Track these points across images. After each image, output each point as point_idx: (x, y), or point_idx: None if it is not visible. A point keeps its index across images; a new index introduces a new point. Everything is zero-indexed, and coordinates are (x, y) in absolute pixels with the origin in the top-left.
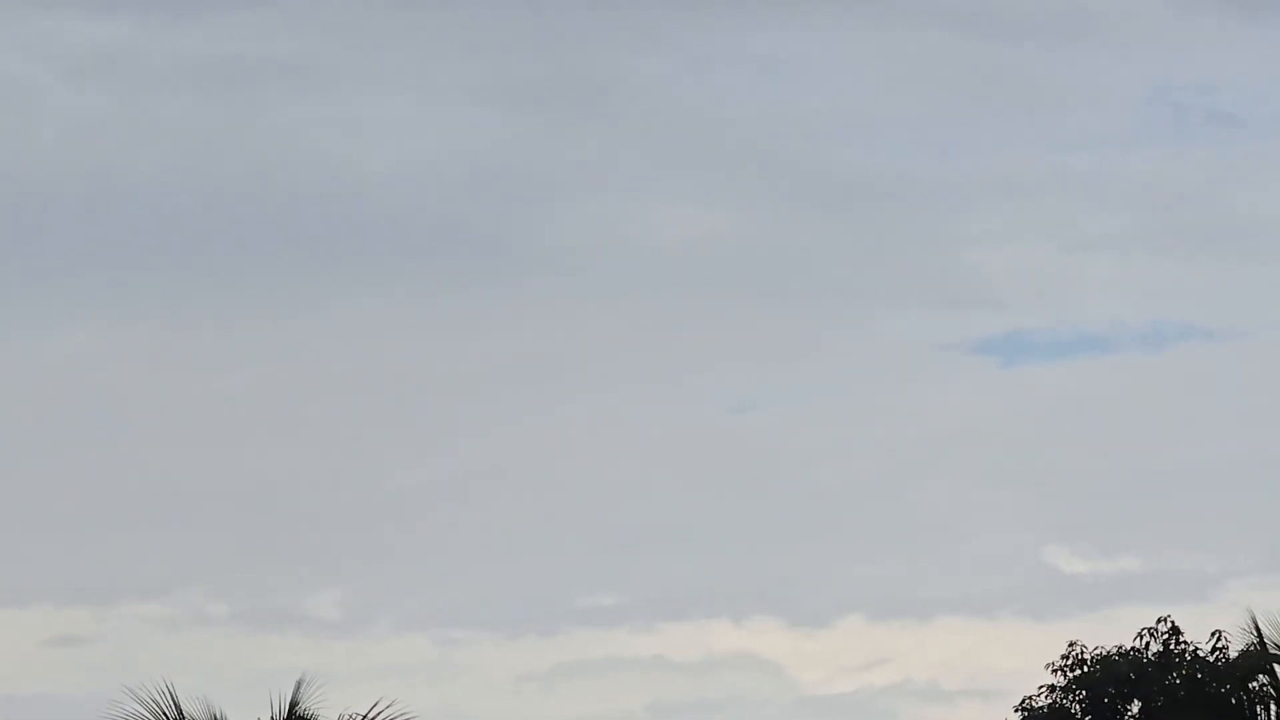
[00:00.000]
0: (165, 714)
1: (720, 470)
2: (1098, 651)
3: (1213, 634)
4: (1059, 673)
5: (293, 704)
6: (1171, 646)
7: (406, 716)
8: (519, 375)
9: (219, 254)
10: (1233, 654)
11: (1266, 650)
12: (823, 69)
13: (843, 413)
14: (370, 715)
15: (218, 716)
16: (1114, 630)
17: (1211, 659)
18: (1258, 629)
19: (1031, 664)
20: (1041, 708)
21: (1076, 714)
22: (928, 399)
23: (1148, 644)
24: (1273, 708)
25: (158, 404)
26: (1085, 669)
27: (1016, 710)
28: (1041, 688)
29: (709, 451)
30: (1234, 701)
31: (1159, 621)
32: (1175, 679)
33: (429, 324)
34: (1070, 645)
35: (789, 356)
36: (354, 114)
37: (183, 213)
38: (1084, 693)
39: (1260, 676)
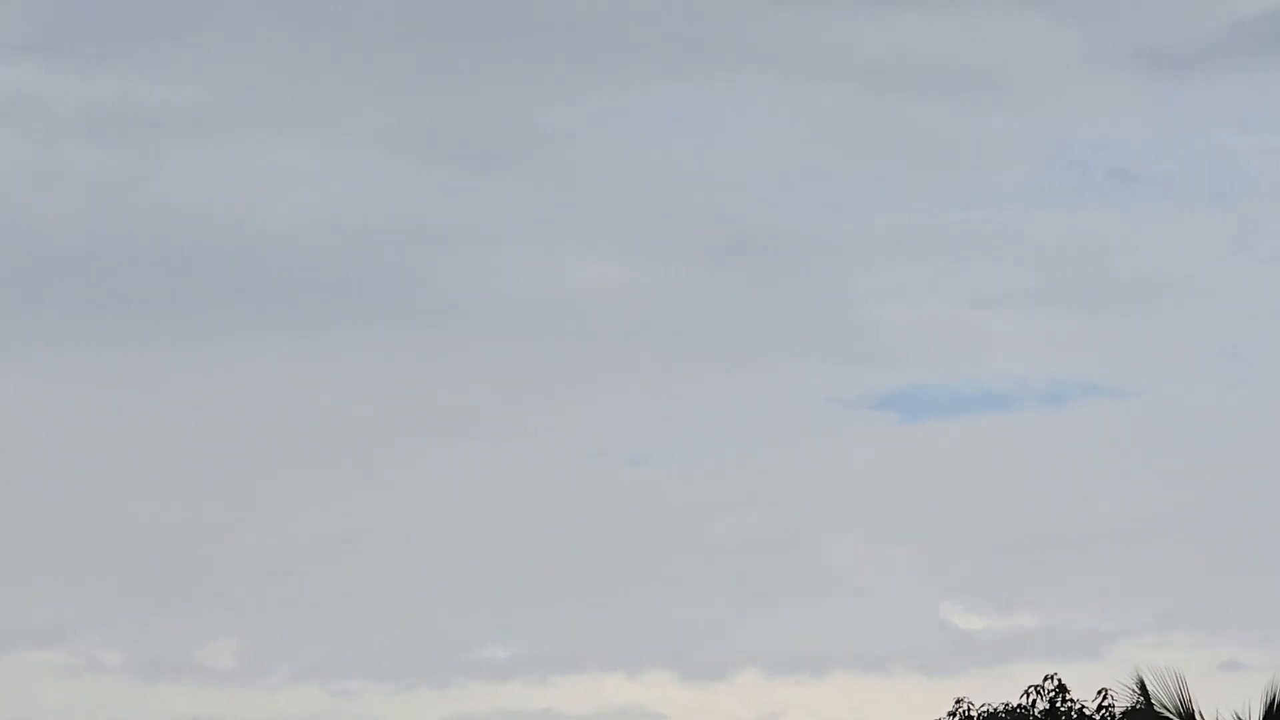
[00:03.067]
0: None
1: (617, 523)
2: (985, 708)
3: (1099, 692)
4: None
5: None
6: (1058, 704)
7: None
8: (418, 426)
9: (120, 302)
10: (1118, 712)
11: (1151, 708)
12: (727, 123)
13: (741, 467)
14: None
15: None
16: (1008, 687)
17: (1098, 717)
18: (1143, 687)
19: None
20: None
21: None
22: (827, 454)
23: (1034, 701)
24: None
25: (53, 450)
26: None
27: None
28: None
29: (607, 504)
30: None
31: (1046, 679)
32: None
33: (328, 374)
34: (957, 702)
35: (688, 410)
36: (259, 162)
37: (85, 260)
38: None
39: None
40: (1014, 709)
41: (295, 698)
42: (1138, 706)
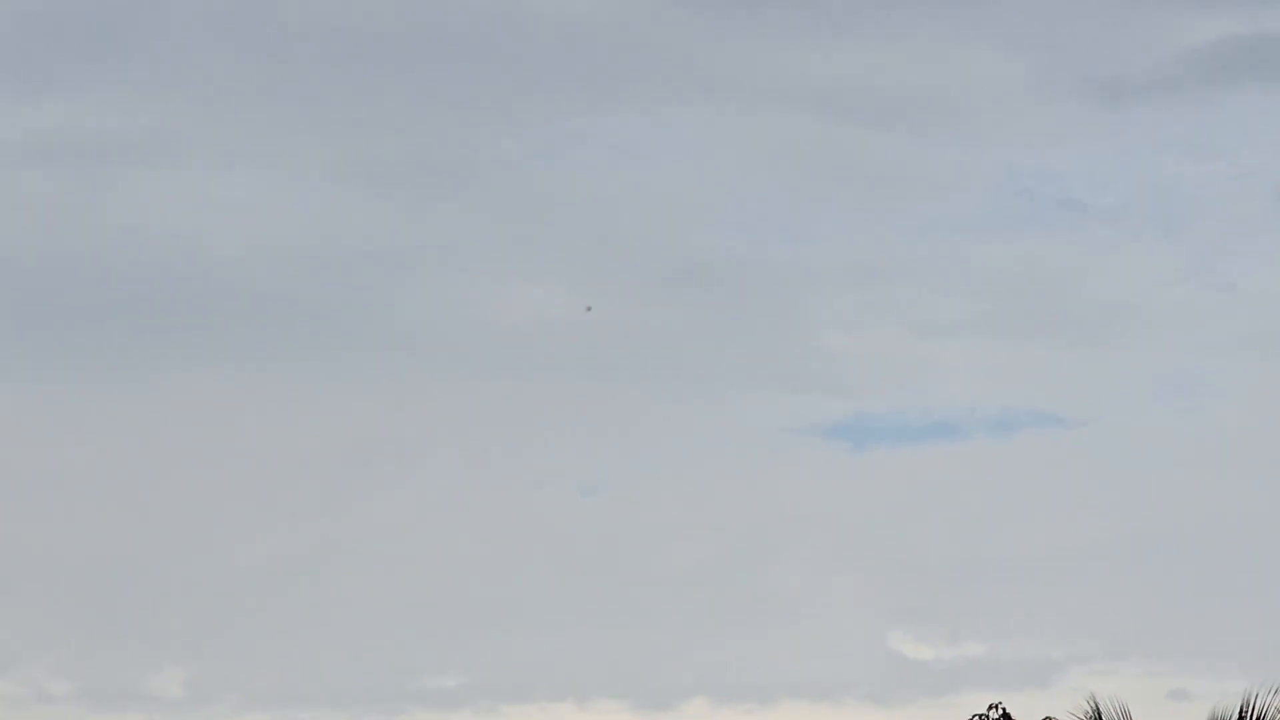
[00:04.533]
0: None
1: (567, 551)
2: None
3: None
4: None
5: None
6: None
7: None
8: (366, 453)
9: (67, 328)
10: None
11: None
12: (676, 151)
13: (691, 495)
14: None
15: None
16: (957, 716)
17: None
18: (1098, 713)
19: None
20: None
21: None
22: (777, 482)
23: None
24: None
25: None
26: None
27: None
28: None
29: (556, 532)
30: None
31: (990, 708)
32: None
33: (276, 402)
34: None
35: (638, 438)
36: (207, 190)
37: (31, 287)
38: None
39: None
40: None
41: None
42: None
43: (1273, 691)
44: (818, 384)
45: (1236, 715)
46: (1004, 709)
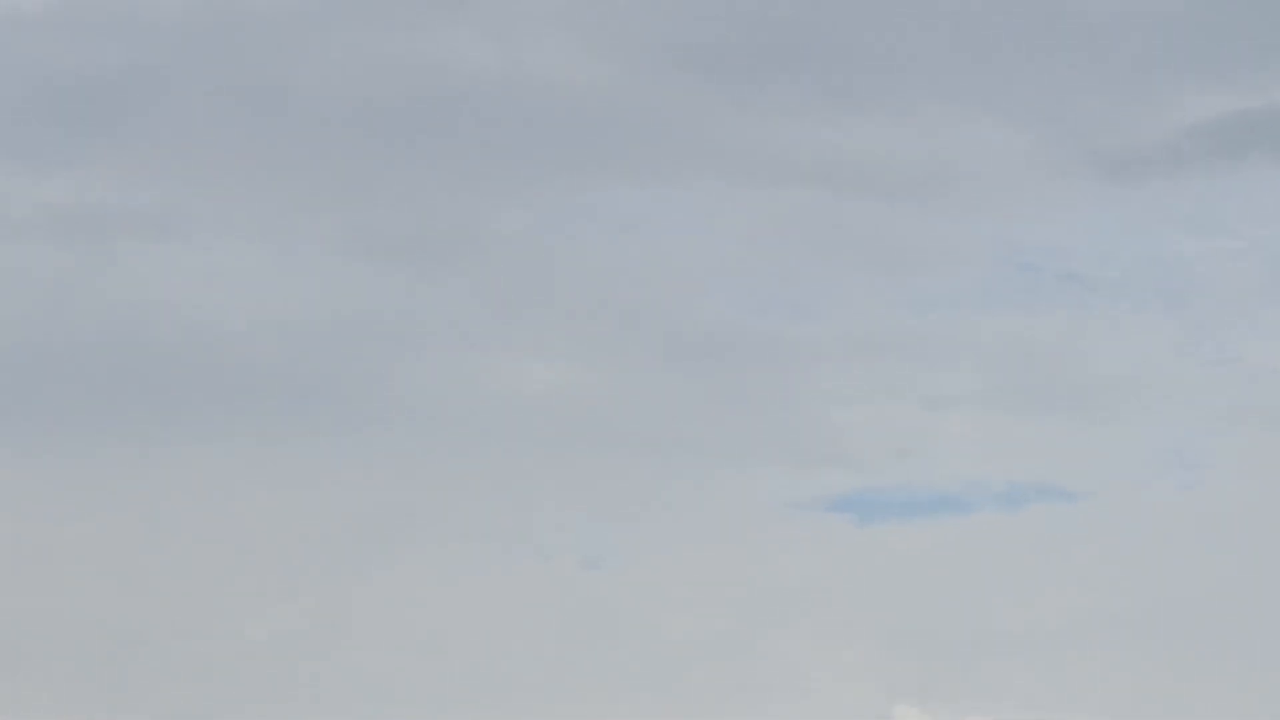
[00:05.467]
0: None
1: (570, 624)
2: None
3: None
4: None
5: None
6: None
7: None
8: (370, 527)
9: (71, 402)
10: None
11: None
12: (681, 224)
13: (694, 569)
14: None
15: None
16: None
17: None
18: None
19: None
20: None
21: None
22: (780, 557)
23: None
24: None
25: (3, 551)
26: None
27: None
28: None
29: (559, 605)
30: None
31: None
32: None
33: (279, 476)
34: None
35: (642, 512)
36: (213, 264)
37: (38, 360)
38: None
39: None
40: None
41: None
42: None
43: None
44: (822, 458)
45: None
46: None
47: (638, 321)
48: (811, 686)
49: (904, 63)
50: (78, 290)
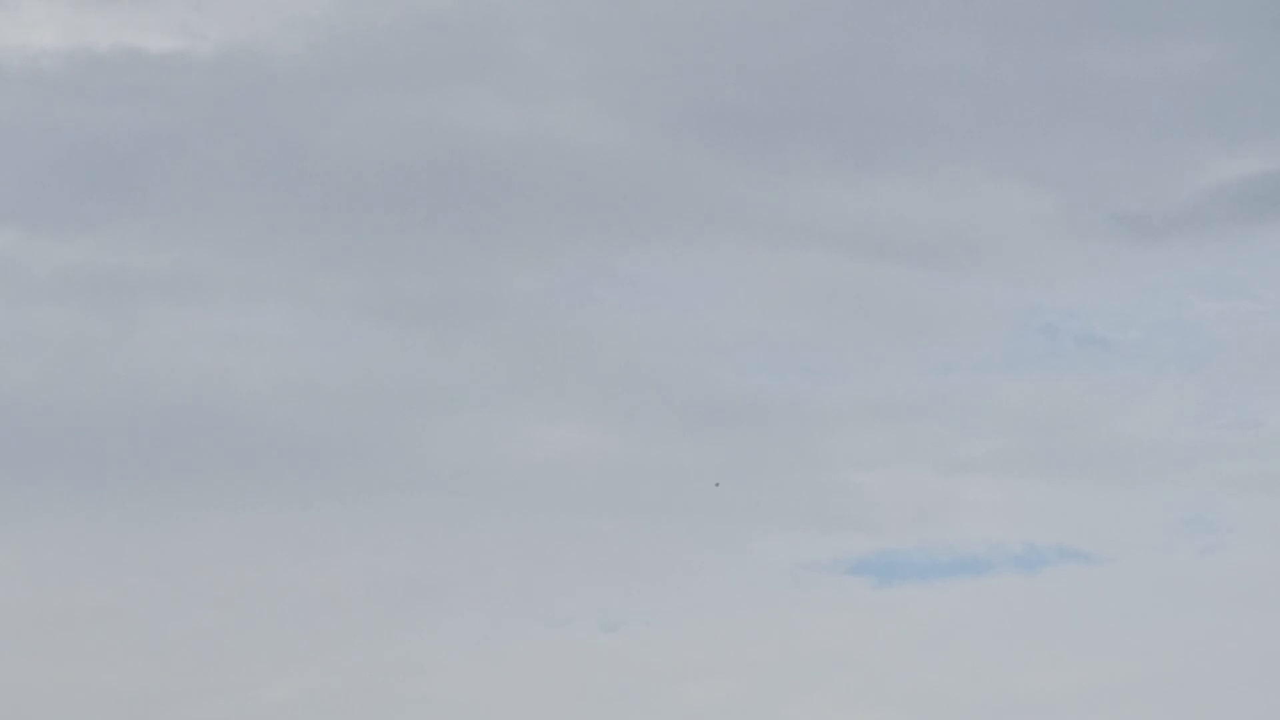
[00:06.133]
0: None
1: (589, 688)
2: None
3: None
4: None
5: None
6: None
7: None
8: (390, 591)
9: (93, 466)
10: None
11: None
12: (700, 289)
13: (714, 632)
14: None
15: None
16: None
17: None
18: None
19: None
20: None
21: None
22: (801, 619)
23: None
24: None
25: (24, 615)
26: None
27: None
28: None
29: (578, 669)
30: None
31: None
32: None
33: (300, 540)
34: None
35: (662, 575)
36: (234, 327)
37: (59, 423)
38: None
39: None
40: None
41: None
42: None
43: None
44: (842, 521)
45: None
46: None
47: (658, 385)
48: None
49: (925, 126)
50: (99, 353)
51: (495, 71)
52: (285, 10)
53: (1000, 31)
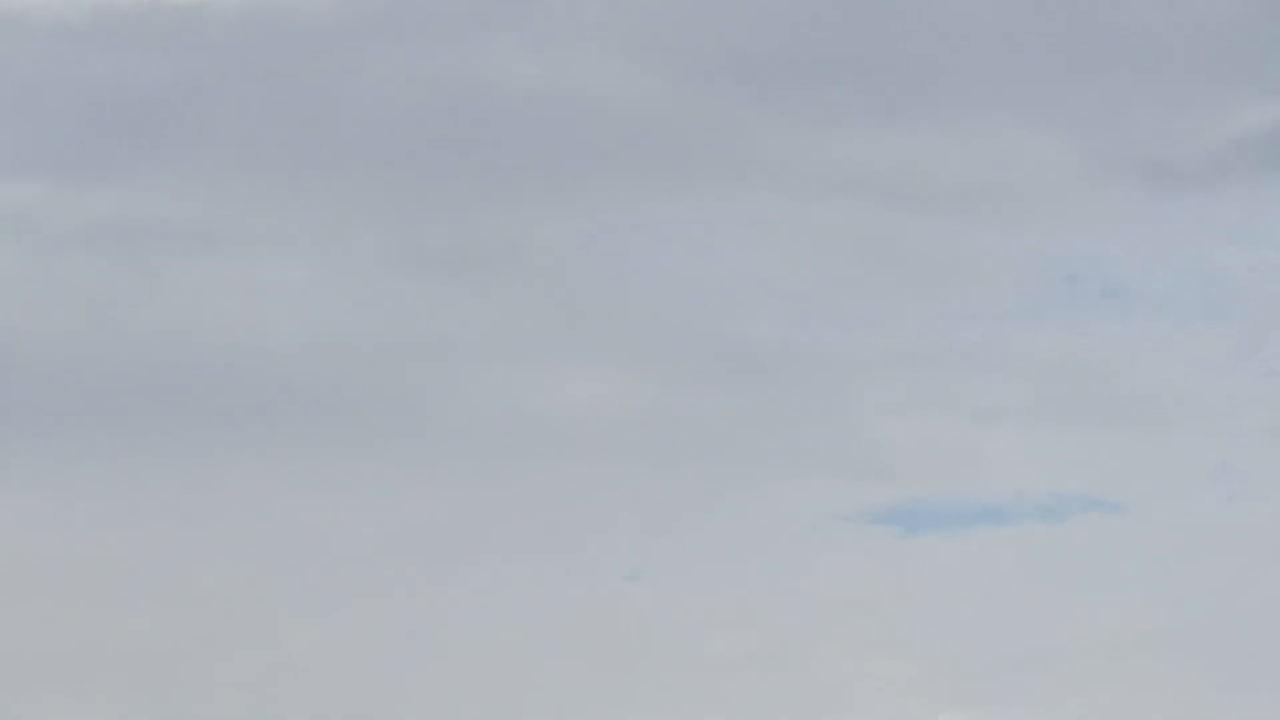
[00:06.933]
0: None
1: (612, 638)
2: None
3: None
4: None
5: None
6: None
7: None
8: (414, 542)
9: (113, 417)
10: None
11: None
12: (726, 238)
13: (739, 582)
14: None
15: None
16: None
17: None
18: None
19: None
20: None
21: None
22: (824, 568)
23: None
24: None
25: (44, 567)
26: None
27: None
28: None
29: (601, 619)
30: None
31: None
32: None
33: (323, 491)
34: None
35: (685, 525)
36: (259, 278)
37: (81, 376)
38: None
39: None
40: None
41: None
42: None
43: None
44: (867, 470)
45: None
46: None
47: (682, 335)
48: (854, 699)
49: (951, 75)
50: (123, 305)
51: (522, 21)
52: None
53: None
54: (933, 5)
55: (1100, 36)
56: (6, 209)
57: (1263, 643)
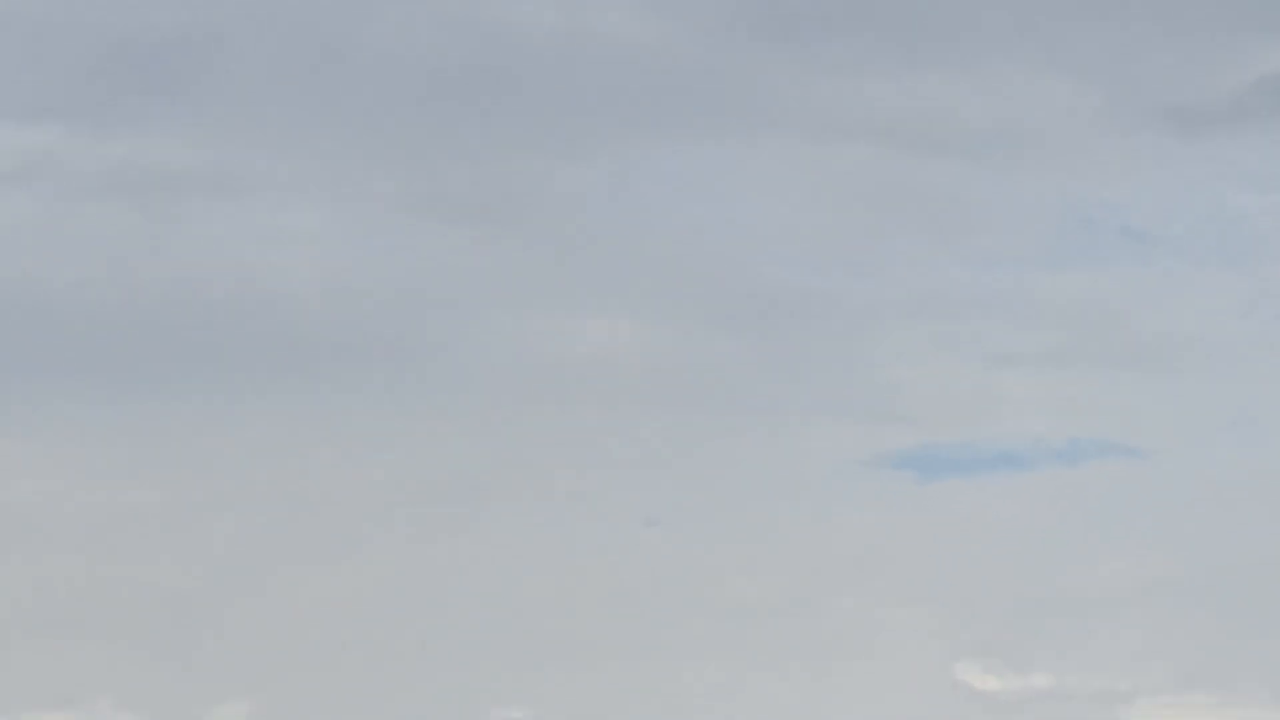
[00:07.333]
0: None
1: (630, 584)
2: None
3: None
4: None
5: None
6: None
7: None
8: (429, 488)
9: (134, 364)
10: None
11: None
12: (742, 184)
13: (756, 528)
14: None
15: None
16: None
17: None
18: None
19: None
20: None
21: None
22: (842, 514)
23: None
24: None
25: (64, 514)
26: None
27: None
28: None
29: (619, 565)
30: None
31: None
32: None
33: (339, 437)
34: None
35: (703, 471)
36: (275, 224)
37: (98, 322)
38: None
39: None
40: None
41: None
42: None
43: None
44: (884, 415)
45: None
46: None
47: (700, 281)
48: (873, 644)
49: (968, 19)
50: (139, 250)
51: None
52: None
53: None
54: None
55: None
56: (24, 155)
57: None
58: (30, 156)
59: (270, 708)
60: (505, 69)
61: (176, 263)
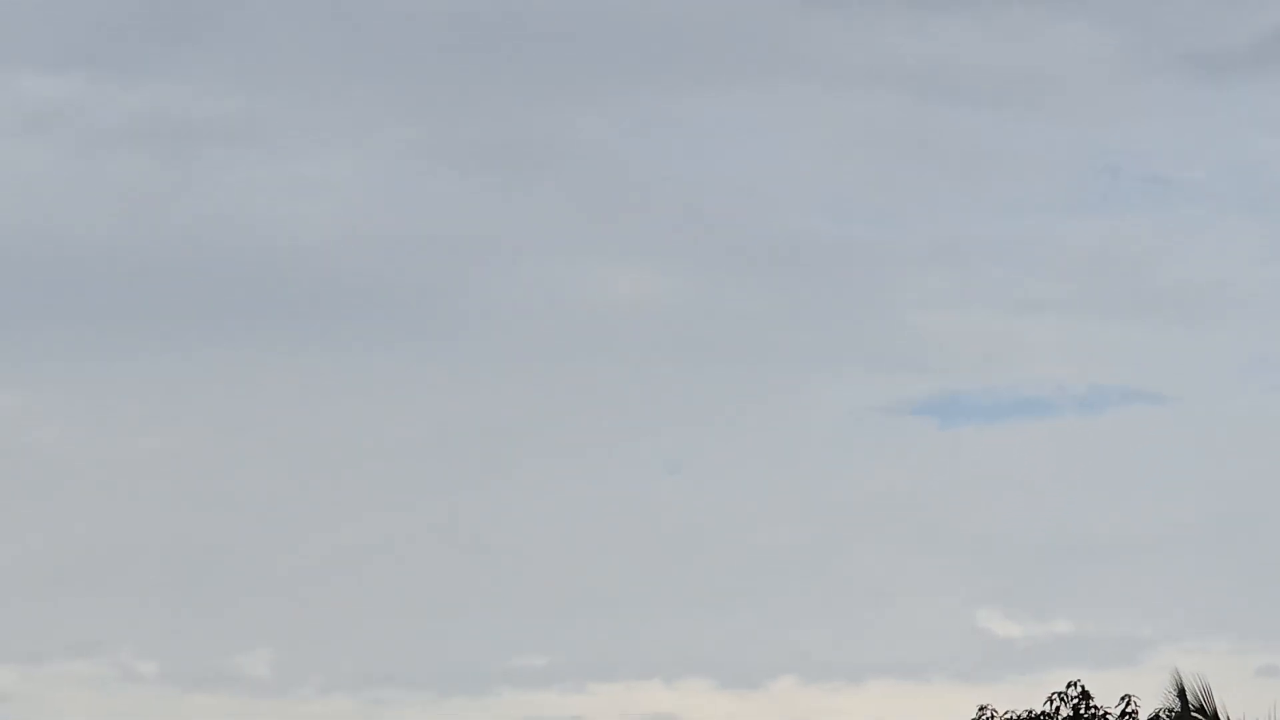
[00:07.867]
0: None
1: (653, 532)
2: (1008, 715)
3: (1122, 698)
4: None
5: None
6: (1081, 711)
7: None
8: (451, 437)
9: (154, 314)
10: (1145, 717)
11: (1189, 713)
12: (764, 132)
13: (779, 474)
14: None
15: None
16: (1044, 694)
17: None
18: (1182, 692)
19: None
20: None
21: None
22: (863, 460)
23: (1058, 708)
24: None
25: (86, 464)
26: None
27: None
28: None
29: (643, 512)
30: None
31: (1069, 685)
32: None
33: (361, 386)
34: (980, 709)
35: (725, 418)
36: (293, 173)
37: (119, 271)
38: None
39: None
40: (1037, 716)
41: (330, 707)
42: (1164, 714)
43: None
44: (906, 362)
45: None
46: (1083, 687)
47: (721, 229)
48: (894, 590)
49: None
50: (159, 199)
51: None
52: None
53: None
54: None
55: None
56: (45, 104)
57: None
58: (52, 105)
59: (292, 656)
60: (527, 18)
61: (197, 212)
